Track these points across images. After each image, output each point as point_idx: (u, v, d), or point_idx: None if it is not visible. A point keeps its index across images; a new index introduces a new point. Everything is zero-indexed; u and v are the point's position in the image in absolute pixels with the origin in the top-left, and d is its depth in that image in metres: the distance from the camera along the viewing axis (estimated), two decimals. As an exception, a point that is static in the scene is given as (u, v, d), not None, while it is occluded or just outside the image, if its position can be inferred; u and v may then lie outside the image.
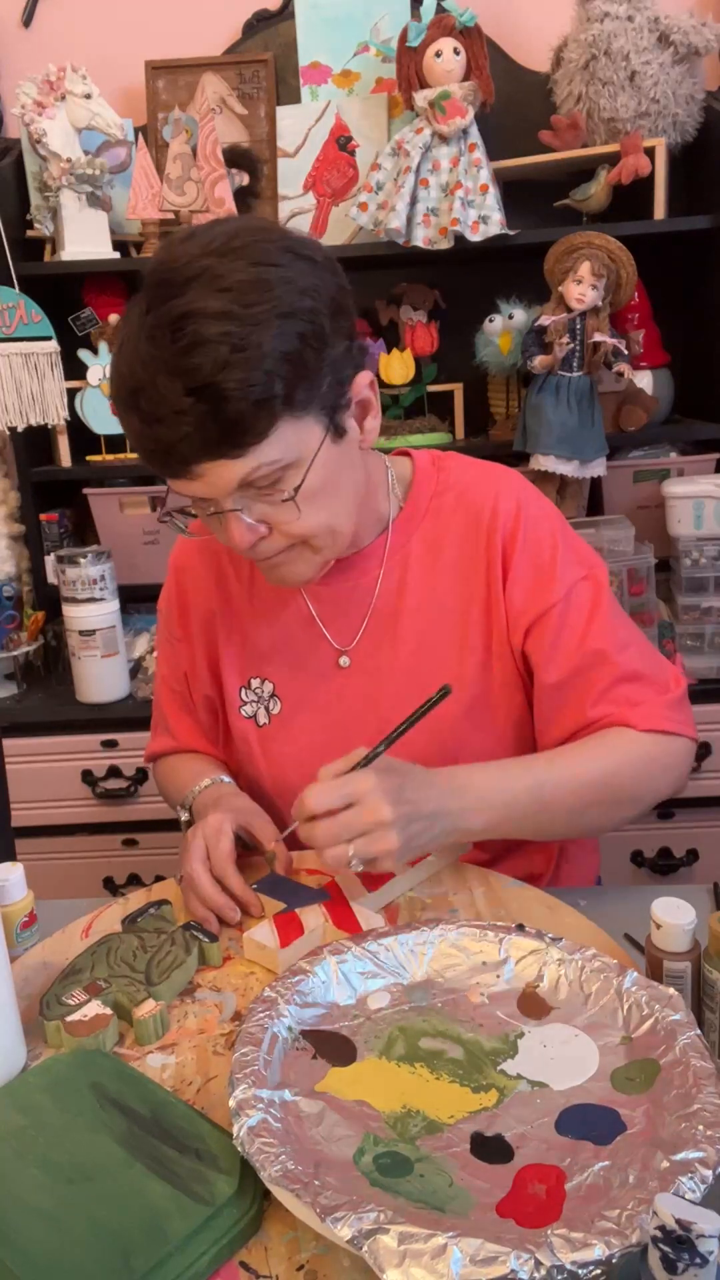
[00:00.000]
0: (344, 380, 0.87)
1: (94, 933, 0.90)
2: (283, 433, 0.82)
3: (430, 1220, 0.53)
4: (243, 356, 0.76)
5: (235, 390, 0.77)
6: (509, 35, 1.96)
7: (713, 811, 1.81)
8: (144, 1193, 0.58)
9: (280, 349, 0.78)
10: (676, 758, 0.96)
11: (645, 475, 1.94)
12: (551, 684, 0.97)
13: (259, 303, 0.77)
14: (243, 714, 1.08)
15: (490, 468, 1.04)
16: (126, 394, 0.81)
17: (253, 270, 0.78)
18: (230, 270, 0.78)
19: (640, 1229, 0.51)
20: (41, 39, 2.02)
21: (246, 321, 0.77)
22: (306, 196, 1.97)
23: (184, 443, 0.80)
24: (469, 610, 0.99)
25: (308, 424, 0.84)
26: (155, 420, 0.79)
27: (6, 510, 2.00)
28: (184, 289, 0.78)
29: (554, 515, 1.01)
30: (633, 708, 0.95)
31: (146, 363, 0.78)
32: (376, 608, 1.02)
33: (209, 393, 0.77)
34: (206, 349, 0.76)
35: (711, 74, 1.94)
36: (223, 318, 0.76)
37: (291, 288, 0.79)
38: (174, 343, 0.77)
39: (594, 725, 0.96)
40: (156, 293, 0.79)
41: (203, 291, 0.77)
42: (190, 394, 0.77)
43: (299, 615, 1.04)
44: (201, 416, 0.78)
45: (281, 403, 0.80)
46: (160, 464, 0.83)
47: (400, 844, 0.81)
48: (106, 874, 1.86)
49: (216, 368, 0.76)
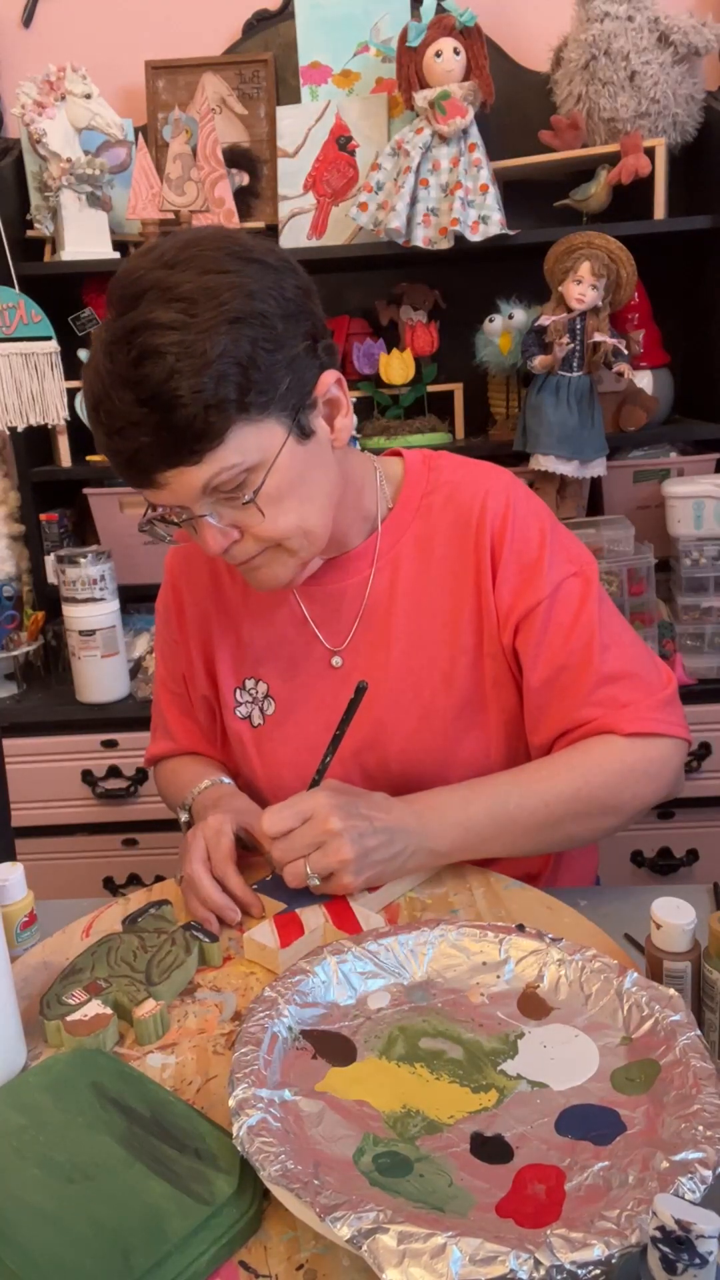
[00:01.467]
0: (306, 381, 0.87)
1: (94, 933, 0.90)
2: (240, 437, 0.82)
3: (430, 1220, 0.53)
4: (190, 364, 0.78)
5: (184, 397, 0.78)
6: (509, 35, 1.96)
7: (713, 811, 1.81)
8: (144, 1192, 0.58)
9: (231, 354, 0.79)
10: (663, 762, 0.95)
11: (645, 475, 1.94)
12: (538, 682, 0.97)
13: (206, 310, 0.79)
14: (237, 715, 1.08)
15: (481, 467, 1.04)
16: (91, 407, 0.83)
17: (201, 279, 0.80)
18: (179, 281, 0.80)
19: (640, 1229, 0.51)
20: (41, 39, 2.02)
21: (195, 329, 0.78)
22: (306, 196, 1.97)
23: (143, 453, 0.81)
24: (460, 609, 0.99)
25: (268, 426, 0.84)
26: (115, 432, 0.81)
27: (6, 510, 2.00)
28: (136, 302, 0.80)
29: (543, 513, 1.01)
30: (619, 709, 0.94)
31: (104, 376, 0.81)
32: (368, 608, 1.02)
33: (159, 402, 0.78)
34: (155, 360, 0.78)
35: (711, 74, 1.94)
36: (171, 328, 0.78)
37: (239, 292, 0.80)
38: (126, 355, 0.79)
39: (581, 728, 0.96)
40: (116, 307, 0.82)
41: (153, 304, 0.79)
42: (142, 404, 0.79)
43: (291, 616, 1.04)
44: (155, 426, 0.79)
45: (235, 407, 0.81)
46: (126, 475, 0.85)
47: (354, 855, 0.83)
48: (106, 874, 1.86)
49: (164, 376, 0.78)
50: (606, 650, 0.96)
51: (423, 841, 0.88)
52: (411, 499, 1.02)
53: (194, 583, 1.09)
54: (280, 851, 0.85)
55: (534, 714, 0.99)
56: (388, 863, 0.86)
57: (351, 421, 0.95)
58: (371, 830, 0.85)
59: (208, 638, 1.09)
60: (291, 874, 0.85)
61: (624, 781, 0.93)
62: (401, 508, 1.02)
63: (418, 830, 0.88)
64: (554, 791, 0.92)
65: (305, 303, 0.87)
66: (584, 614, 0.97)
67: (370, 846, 0.84)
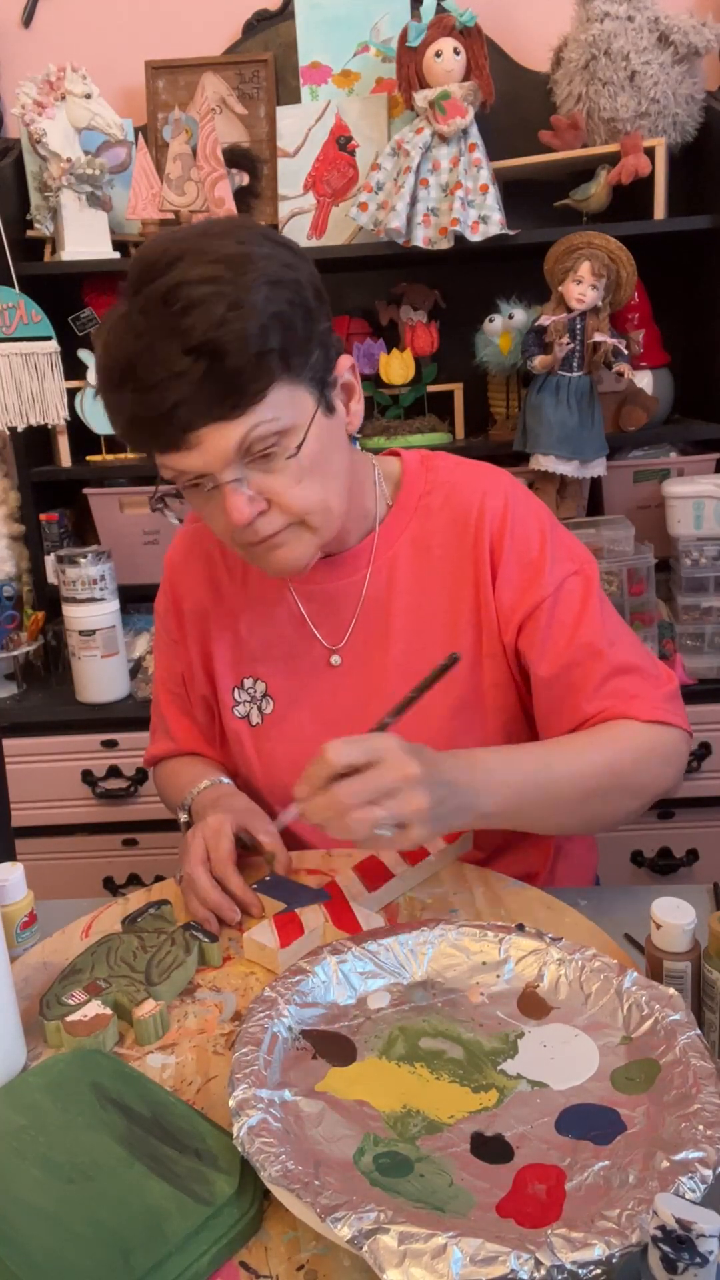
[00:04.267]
0: (331, 358, 0.89)
1: (94, 933, 0.90)
2: (279, 395, 0.83)
3: (430, 1220, 0.53)
4: (238, 313, 0.78)
5: (233, 345, 0.78)
6: (509, 35, 1.96)
7: (713, 811, 1.81)
8: (144, 1192, 0.58)
9: (272, 309, 0.80)
10: (675, 750, 0.96)
11: (645, 475, 1.94)
12: (546, 678, 0.97)
13: (247, 271, 0.79)
14: (235, 714, 1.08)
15: (478, 467, 1.04)
16: (120, 369, 0.81)
17: (237, 246, 0.81)
18: (217, 247, 0.80)
19: (640, 1229, 0.51)
20: (41, 39, 2.02)
21: (238, 285, 0.78)
22: (306, 196, 1.97)
23: (181, 407, 0.80)
24: (458, 610, 0.99)
25: (301, 392, 0.85)
26: (151, 388, 0.79)
27: (6, 510, 2.00)
28: (171, 267, 0.79)
29: (542, 512, 1.01)
30: (631, 700, 0.94)
31: (141, 334, 0.79)
32: (365, 607, 1.02)
33: (207, 349, 0.78)
34: (202, 308, 0.77)
35: (711, 74, 1.94)
36: (214, 281, 0.78)
37: (274, 262, 0.82)
38: (168, 309, 0.78)
39: (593, 719, 0.95)
40: (142, 277, 0.81)
41: (191, 264, 0.79)
42: (189, 353, 0.78)
43: (289, 615, 1.04)
44: (201, 375, 0.78)
45: (278, 360, 0.81)
46: (156, 436, 0.83)
47: (430, 804, 0.75)
48: (106, 874, 1.86)
49: (213, 325, 0.77)
50: (613, 645, 0.96)
51: (474, 799, 0.82)
52: (409, 499, 1.02)
53: (191, 582, 1.09)
54: (349, 793, 0.74)
55: (544, 709, 0.99)
56: (446, 818, 0.79)
57: (363, 408, 0.96)
58: (440, 780, 0.78)
59: (206, 637, 1.09)
60: (361, 820, 0.74)
61: (649, 760, 0.93)
62: (399, 508, 1.02)
63: (472, 787, 0.82)
64: (589, 763, 0.90)
65: (322, 290, 0.89)
66: (588, 611, 0.97)
67: (440, 797, 0.77)
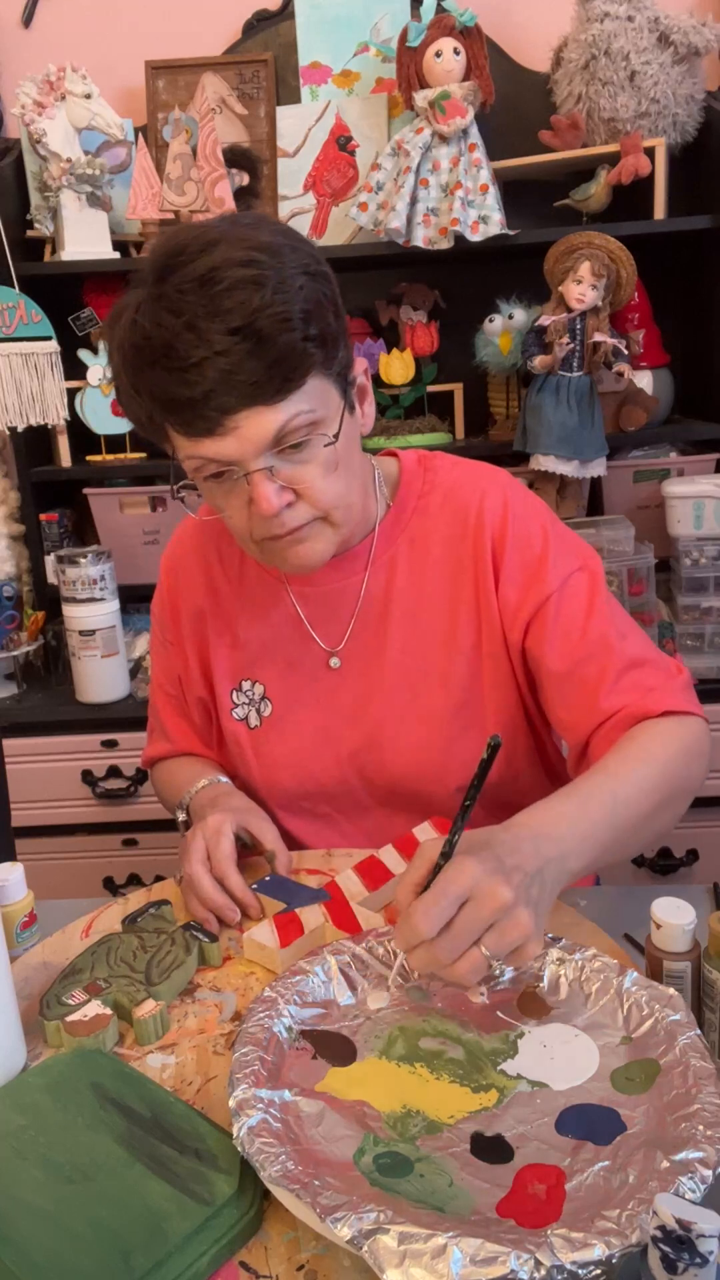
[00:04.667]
0: (351, 358, 0.90)
1: (94, 933, 0.90)
2: (315, 385, 0.83)
3: (430, 1220, 0.53)
4: (283, 297, 0.78)
5: (279, 327, 0.78)
6: (509, 35, 1.96)
7: (713, 811, 1.81)
8: (144, 1193, 0.58)
9: (312, 299, 0.81)
10: (701, 740, 0.94)
11: (645, 475, 1.94)
12: (559, 673, 0.95)
13: (283, 260, 0.80)
14: (234, 716, 1.07)
15: (477, 467, 1.04)
16: (154, 348, 0.79)
17: (271, 236, 0.82)
18: (251, 234, 0.81)
19: (640, 1229, 0.51)
20: (41, 39, 2.02)
21: (279, 271, 0.79)
22: (306, 196, 1.97)
23: (220, 390, 0.79)
24: (457, 610, 0.99)
25: (330, 387, 0.86)
26: (191, 366, 0.78)
27: (6, 510, 2.00)
28: (206, 250, 0.79)
29: (542, 510, 1.01)
30: (648, 693, 0.93)
31: (180, 312, 0.78)
32: (364, 608, 1.01)
33: (253, 330, 0.78)
34: (246, 289, 0.77)
35: (711, 74, 1.94)
36: (255, 264, 0.78)
37: (305, 255, 0.83)
38: (209, 290, 0.78)
39: (614, 718, 0.93)
40: (172, 262, 0.80)
41: (230, 248, 0.79)
42: (234, 333, 0.78)
43: (287, 616, 1.04)
44: (244, 356, 0.78)
45: (319, 347, 0.82)
46: (190, 419, 0.82)
47: (532, 920, 0.68)
48: (106, 874, 1.86)
49: (261, 305, 0.77)
50: (625, 638, 0.96)
51: (561, 867, 0.75)
52: (408, 500, 1.02)
53: (189, 584, 1.09)
54: (448, 949, 0.67)
55: (558, 703, 0.97)
56: (545, 903, 0.72)
57: (374, 411, 0.96)
58: (529, 880, 0.70)
59: (203, 639, 1.09)
60: (470, 969, 0.67)
61: (690, 759, 0.90)
62: (398, 508, 1.02)
63: (558, 857, 0.75)
64: (645, 783, 0.86)
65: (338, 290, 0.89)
66: (596, 605, 0.96)
67: (535, 898, 0.70)
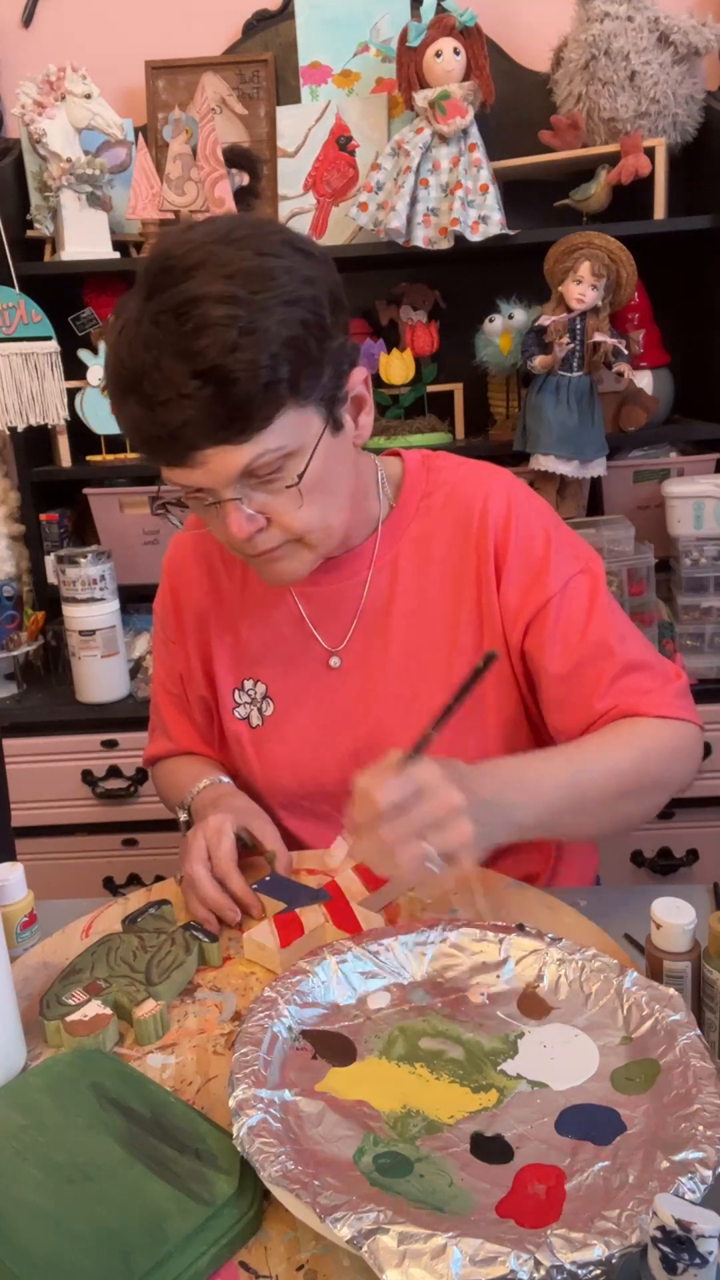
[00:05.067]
0: (342, 374, 0.88)
1: (94, 933, 0.90)
2: (286, 420, 0.82)
3: (430, 1220, 0.53)
4: (251, 340, 0.76)
5: (243, 373, 0.77)
6: (509, 35, 1.96)
7: (713, 811, 1.81)
8: (144, 1193, 0.58)
9: (286, 334, 0.78)
10: (691, 744, 0.95)
11: (645, 475, 1.94)
12: (558, 675, 0.96)
13: (264, 290, 0.78)
14: (236, 715, 1.07)
15: (480, 467, 1.04)
16: (128, 378, 0.80)
17: (257, 259, 0.79)
18: (235, 257, 0.78)
19: (640, 1229, 0.51)
20: (41, 39, 2.02)
21: (253, 306, 0.77)
22: (306, 196, 1.97)
23: (188, 427, 0.79)
24: (459, 611, 0.99)
25: (309, 414, 0.84)
26: (158, 404, 0.79)
27: (6, 510, 2.00)
28: (189, 275, 0.78)
29: (545, 511, 1.01)
30: (642, 695, 0.94)
31: (151, 346, 0.78)
32: (366, 608, 1.01)
33: (216, 375, 0.77)
34: (214, 331, 0.76)
35: (711, 74, 1.94)
36: (229, 301, 0.76)
37: (294, 276, 0.80)
38: (180, 326, 0.77)
39: (604, 717, 0.94)
40: (159, 279, 0.79)
41: (208, 277, 0.77)
42: (197, 377, 0.77)
43: (289, 616, 1.04)
44: (208, 400, 0.77)
45: (287, 388, 0.80)
46: (160, 451, 0.82)
47: (475, 832, 0.74)
48: (106, 874, 1.86)
49: (224, 350, 0.76)
50: (623, 641, 0.96)
51: (511, 813, 0.81)
52: (410, 500, 1.02)
53: (191, 584, 1.09)
54: (396, 831, 0.73)
55: (556, 707, 0.98)
56: (487, 838, 0.77)
57: (372, 420, 0.95)
58: (481, 802, 0.76)
59: (205, 638, 1.09)
60: (411, 856, 0.73)
61: (674, 757, 0.92)
62: (400, 509, 1.02)
63: (507, 802, 0.80)
64: (618, 765, 0.88)
65: (341, 298, 0.87)
66: (596, 608, 0.96)
67: (484, 821, 0.75)
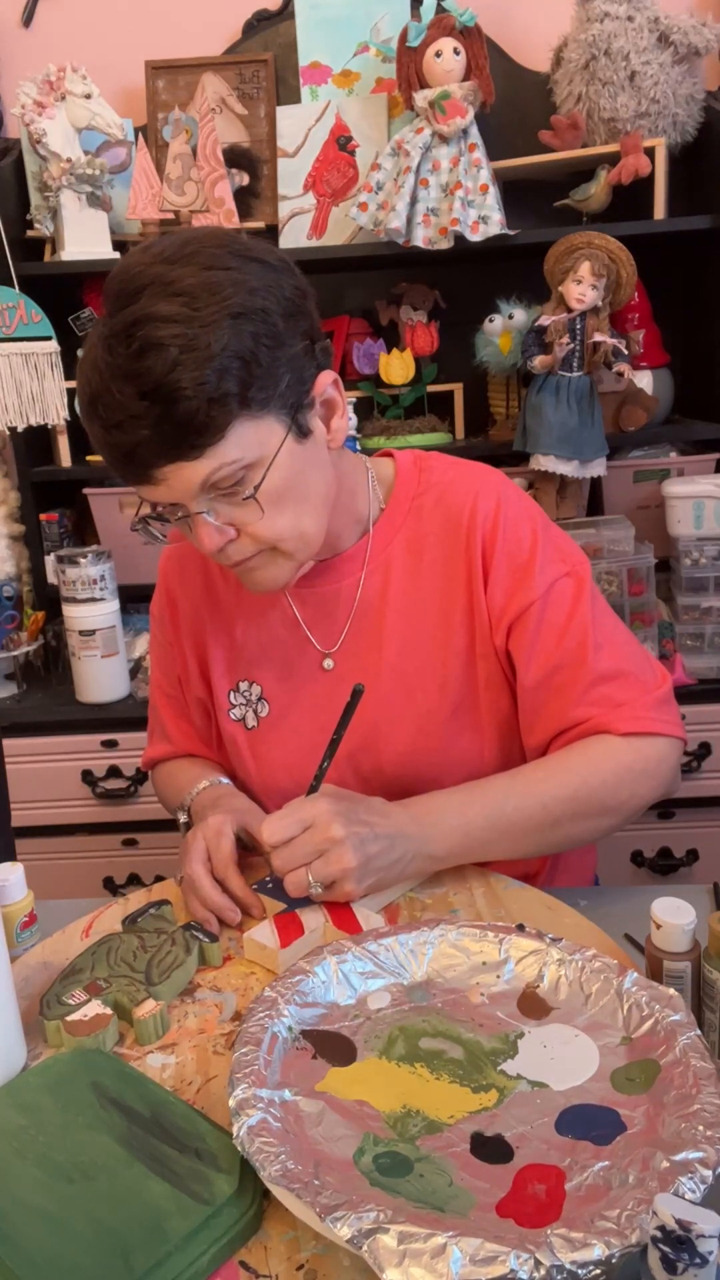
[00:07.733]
0: (305, 380, 0.87)
1: (94, 933, 0.90)
2: (241, 432, 0.82)
3: (430, 1220, 0.53)
4: (193, 356, 0.77)
5: (187, 390, 0.77)
6: (509, 35, 1.96)
7: (713, 811, 1.81)
8: (144, 1192, 0.58)
9: (233, 348, 0.79)
10: (660, 761, 0.95)
11: (645, 475, 1.94)
12: (531, 683, 0.97)
13: (208, 305, 0.78)
14: (231, 717, 1.08)
15: (471, 467, 1.04)
16: (87, 402, 0.83)
17: (203, 274, 0.80)
18: (180, 275, 0.79)
19: (640, 1229, 0.51)
20: (41, 39, 2.02)
21: (197, 323, 0.78)
22: (306, 196, 1.97)
23: (142, 447, 0.80)
24: (451, 611, 0.99)
25: (268, 423, 0.84)
26: (114, 426, 0.81)
27: (6, 510, 2.00)
28: (136, 296, 0.79)
29: (534, 513, 1.01)
30: (615, 709, 0.94)
31: (102, 370, 0.80)
32: (359, 610, 1.01)
33: (161, 394, 0.78)
34: (157, 352, 0.77)
35: (711, 74, 1.94)
36: (173, 321, 0.77)
37: (242, 288, 0.80)
38: (126, 348, 0.78)
39: (576, 727, 0.96)
40: (114, 303, 0.81)
41: (154, 298, 0.79)
42: (144, 397, 0.78)
43: (283, 618, 1.04)
44: (156, 419, 0.79)
45: (237, 401, 0.80)
46: (123, 470, 0.84)
47: (357, 862, 0.82)
48: (106, 874, 1.86)
49: (167, 369, 0.77)
50: (600, 649, 0.96)
51: (422, 847, 0.88)
52: (402, 501, 1.02)
53: (187, 585, 1.09)
54: (281, 860, 0.83)
55: (529, 714, 0.99)
56: (388, 869, 0.86)
57: (347, 423, 0.95)
58: (373, 836, 0.84)
59: (201, 640, 1.09)
60: (293, 883, 0.83)
61: (622, 781, 0.93)
62: (392, 510, 1.02)
63: (418, 835, 0.88)
64: (551, 793, 0.92)
65: (303, 303, 0.87)
66: (577, 614, 0.96)
67: (372, 853, 0.83)
